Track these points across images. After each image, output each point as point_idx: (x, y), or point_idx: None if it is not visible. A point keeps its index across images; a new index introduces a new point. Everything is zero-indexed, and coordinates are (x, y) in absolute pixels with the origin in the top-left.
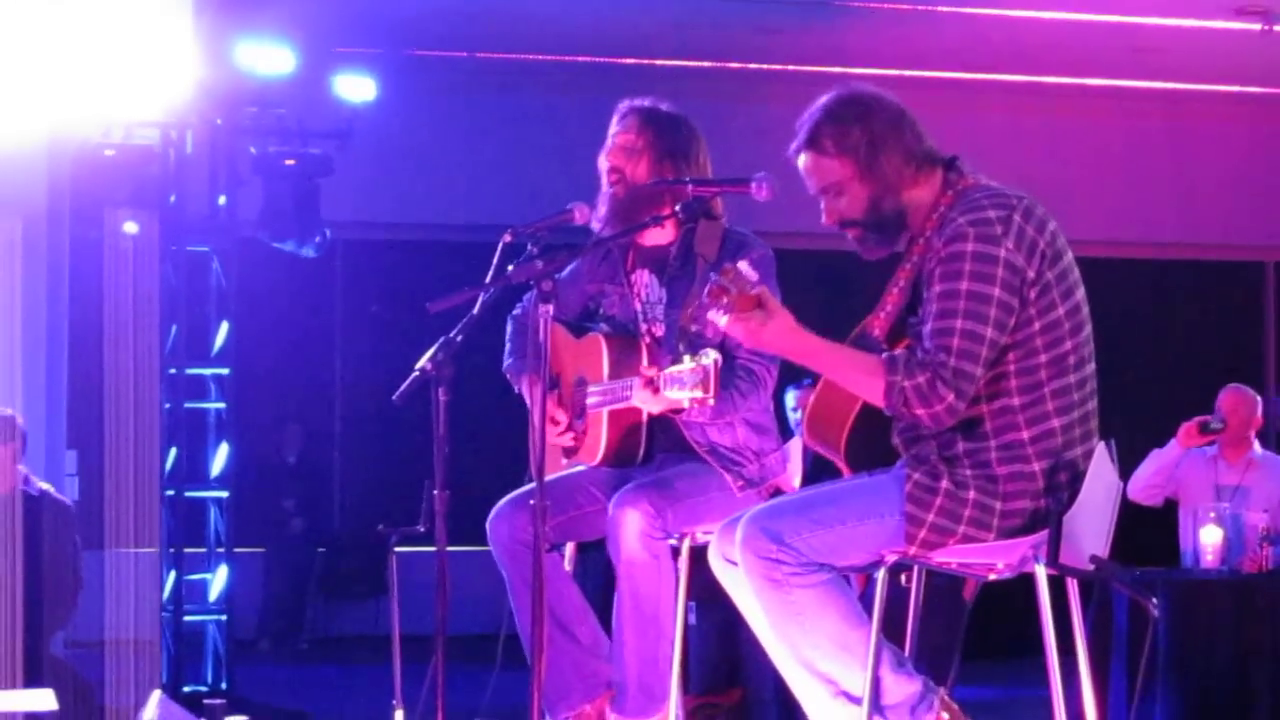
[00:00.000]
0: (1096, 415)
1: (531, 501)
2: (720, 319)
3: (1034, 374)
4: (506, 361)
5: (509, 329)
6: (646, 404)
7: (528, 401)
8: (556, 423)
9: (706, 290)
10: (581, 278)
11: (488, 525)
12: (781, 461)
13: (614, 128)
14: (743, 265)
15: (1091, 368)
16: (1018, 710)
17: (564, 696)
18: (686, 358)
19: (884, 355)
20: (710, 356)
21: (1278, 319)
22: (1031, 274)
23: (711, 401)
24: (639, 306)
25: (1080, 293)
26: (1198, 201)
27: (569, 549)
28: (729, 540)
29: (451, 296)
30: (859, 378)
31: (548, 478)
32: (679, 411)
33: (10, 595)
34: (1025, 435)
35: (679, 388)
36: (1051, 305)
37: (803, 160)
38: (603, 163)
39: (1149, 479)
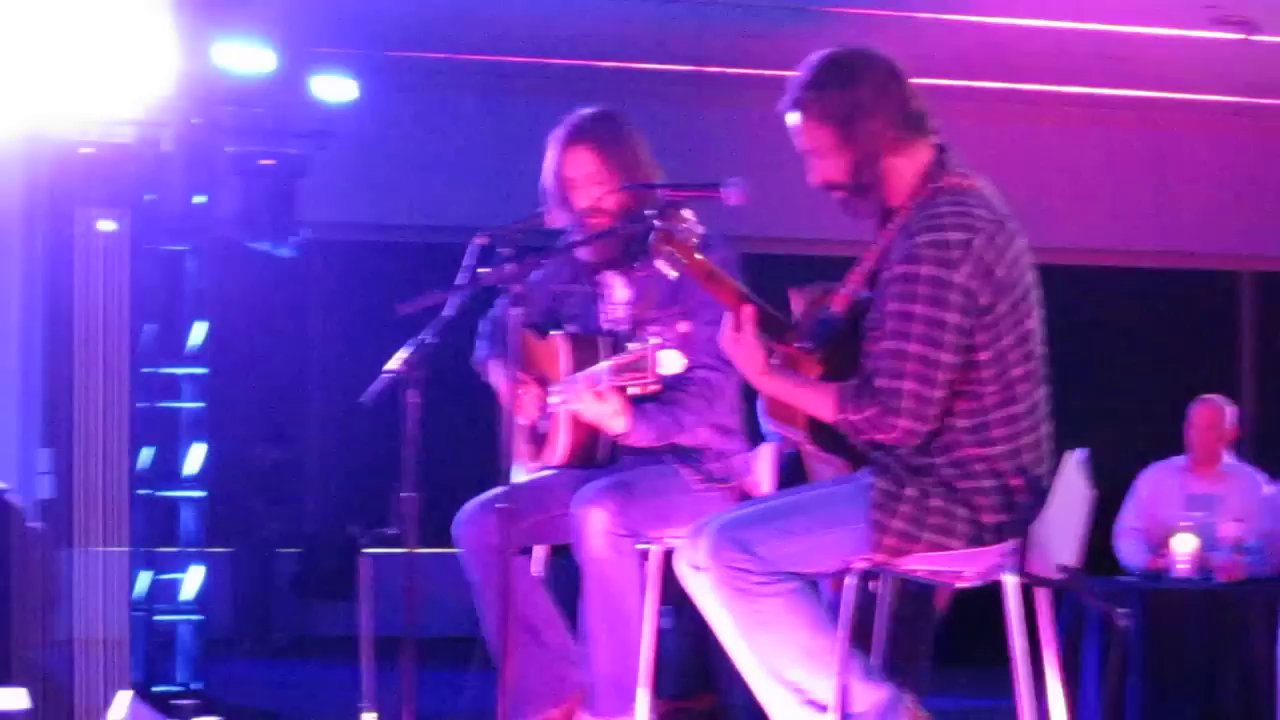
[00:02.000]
0: (1051, 437)
1: (498, 505)
2: (669, 271)
3: (979, 399)
4: (476, 354)
5: (482, 325)
6: (584, 408)
7: (496, 389)
8: (527, 408)
9: (652, 235)
10: (548, 279)
11: (454, 528)
12: (746, 464)
13: (559, 158)
14: (686, 211)
15: (1042, 392)
16: (985, 715)
17: (530, 701)
18: (629, 345)
19: (837, 387)
20: (652, 341)
21: (1254, 327)
22: (984, 301)
23: (652, 385)
24: (601, 307)
25: (1033, 319)
26: (1175, 210)
27: (540, 552)
28: (695, 548)
29: (422, 298)
30: (813, 411)
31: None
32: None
33: None
34: (973, 454)
35: (623, 377)
36: (997, 337)
37: (788, 119)
38: (579, 203)
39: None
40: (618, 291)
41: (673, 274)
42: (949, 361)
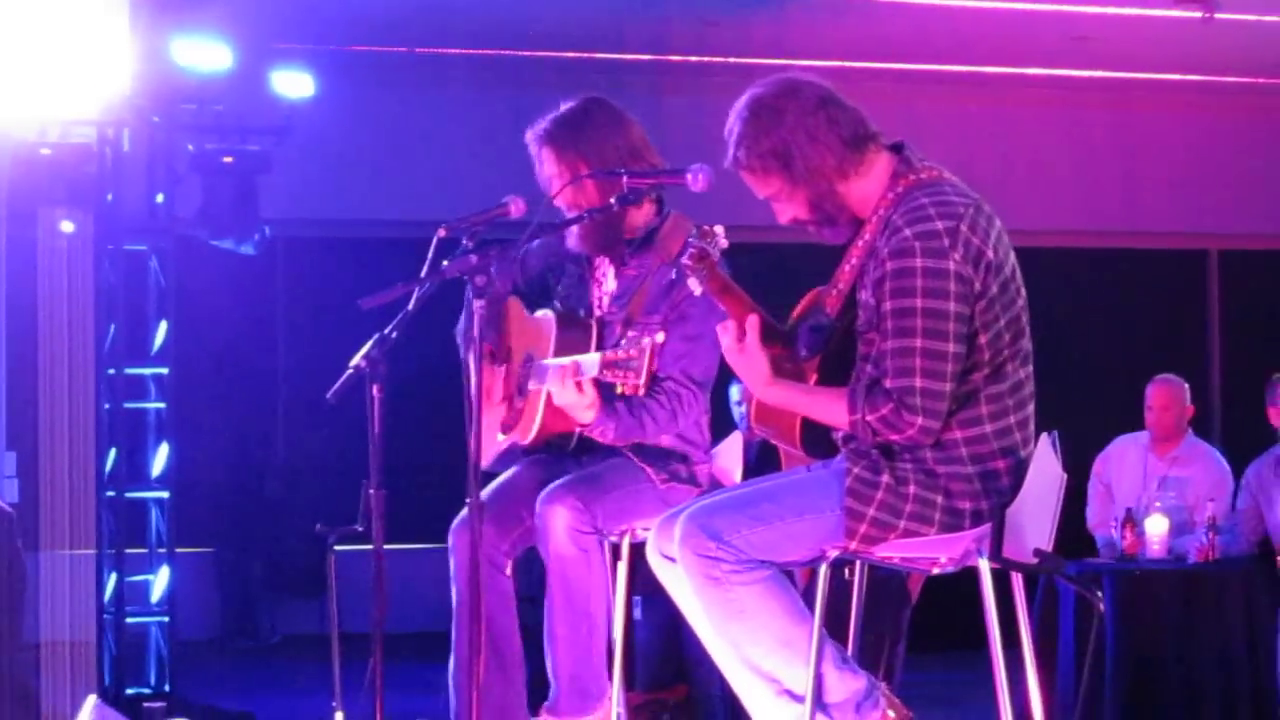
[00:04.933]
0: (1034, 416)
1: (473, 506)
2: (696, 288)
3: (970, 383)
4: (458, 326)
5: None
6: (556, 394)
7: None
8: (492, 396)
9: (688, 253)
10: (547, 249)
11: (450, 536)
12: (708, 475)
13: (536, 160)
14: (719, 229)
15: (1029, 370)
16: (962, 697)
17: None
18: (624, 341)
19: (846, 390)
20: (646, 341)
21: (1221, 307)
22: (978, 285)
23: (640, 388)
24: (596, 291)
25: (1022, 299)
26: (1141, 190)
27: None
28: (667, 537)
29: (385, 293)
30: (823, 417)
31: (486, 489)
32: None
33: None
34: (958, 436)
35: (613, 372)
36: (995, 318)
37: (742, 174)
38: (564, 200)
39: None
40: (608, 281)
41: (698, 291)
42: (955, 352)
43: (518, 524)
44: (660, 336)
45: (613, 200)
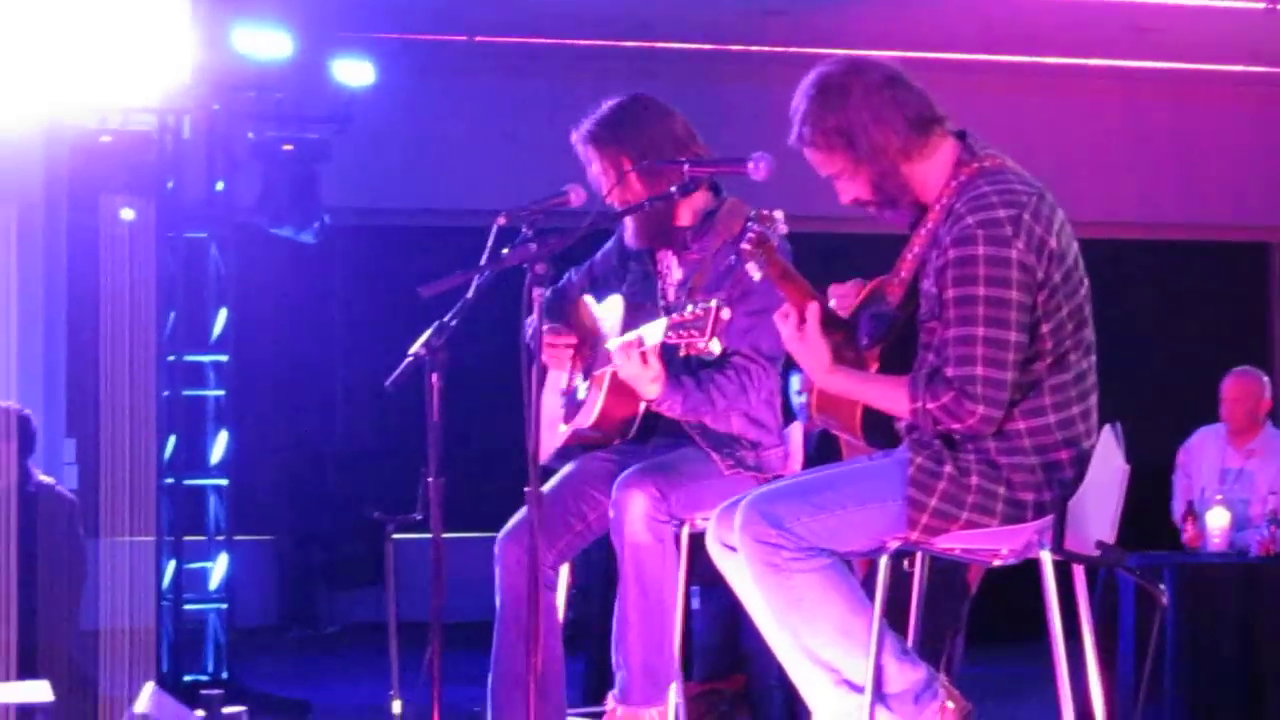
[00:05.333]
0: (1097, 408)
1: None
2: (755, 273)
3: (1033, 372)
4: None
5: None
6: (621, 366)
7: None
8: (556, 387)
9: (748, 237)
10: (610, 254)
11: (496, 545)
12: (782, 458)
13: (584, 160)
14: (778, 214)
15: (1092, 361)
16: (1022, 690)
17: None
18: (689, 306)
19: (907, 378)
20: (714, 302)
21: None
22: (1041, 274)
23: (708, 345)
24: (661, 284)
25: (1084, 289)
26: (1202, 182)
27: (565, 572)
28: (727, 526)
29: (444, 280)
30: (884, 405)
31: (551, 467)
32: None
33: (5, 589)
34: (1021, 427)
35: (677, 334)
36: (1057, 307)
37: (805, 151)
38: (613, 198)
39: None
40: (674, 272)
41: (758, 276)
42: (1018, 341)
43: (565, 531)
44: (726, 313)
45: (673, 189)
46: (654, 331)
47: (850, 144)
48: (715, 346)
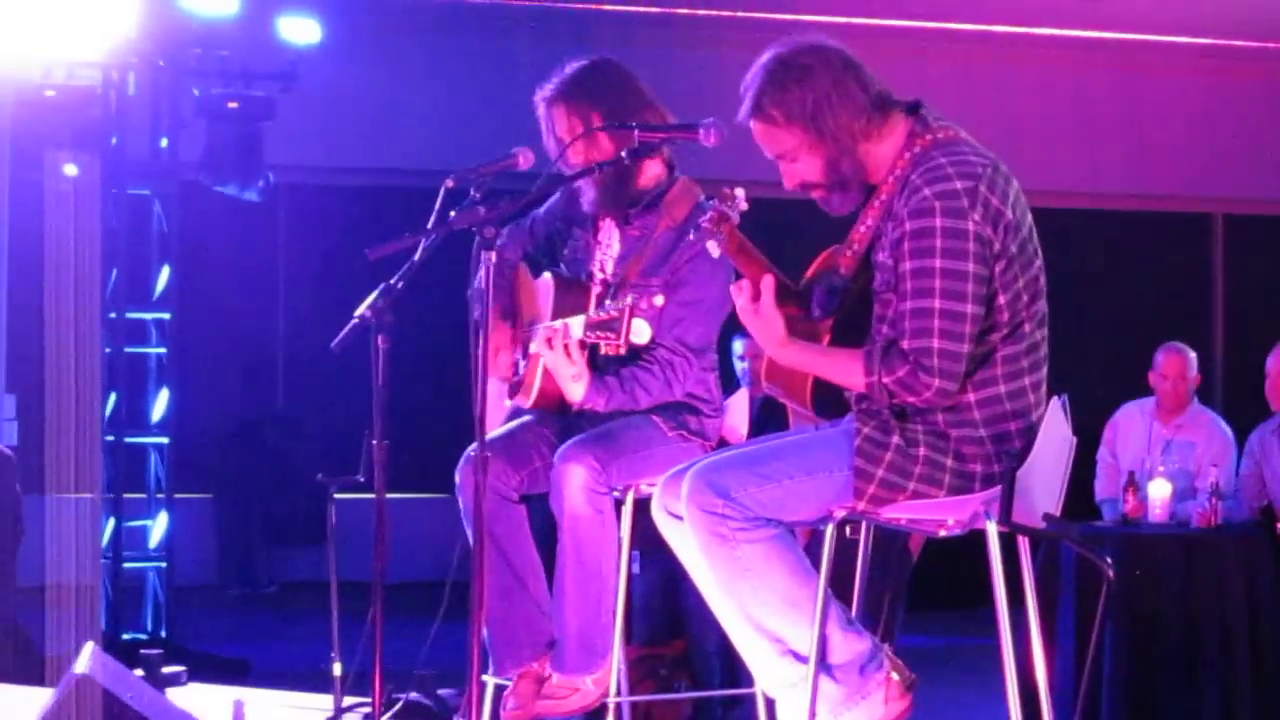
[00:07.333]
0: (1046, 381)
1: (480, 453)
2: (714, 250)
3: (987, 343)
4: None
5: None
6: (546, 357)
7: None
8: (500, 360)
9: (708, 215)
10: (554, 214)
11: (457, 472)
12: (717, 430)
13: (545, 119)
14: (739, 191)
15: (1044, 333)
16: (959, 659)
17: (514, 653)
18: (607, 303)
19: (862, 351)
20: (626, 300)
21: (1226, 271)
22: (998, 246)
23: (622, 348)
24: (597, 254)
25: (1039, 261)
26: (1147, 153)
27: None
28: (673, 494)
29: (391, 243)
30: (839, 378)
31: (495, 431)
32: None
33: None
34: (971, 398)
35: (595, 334)
36: (1014, 279)
37: (753, 128)
38: (574, 159)
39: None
40: (614, 245)
41: (717, 253)
42: (974, 313)
43: (528, 463)
44: (659, 299)
45: (623, 153)
46: (576, 325)
47: (813, 121)
48: (643, 336)
